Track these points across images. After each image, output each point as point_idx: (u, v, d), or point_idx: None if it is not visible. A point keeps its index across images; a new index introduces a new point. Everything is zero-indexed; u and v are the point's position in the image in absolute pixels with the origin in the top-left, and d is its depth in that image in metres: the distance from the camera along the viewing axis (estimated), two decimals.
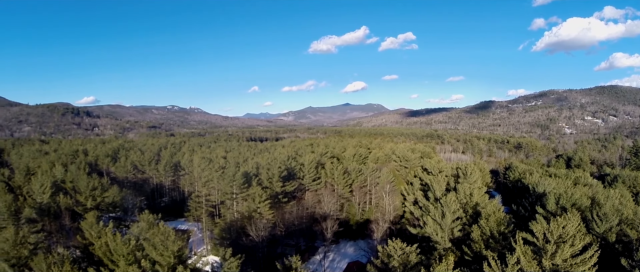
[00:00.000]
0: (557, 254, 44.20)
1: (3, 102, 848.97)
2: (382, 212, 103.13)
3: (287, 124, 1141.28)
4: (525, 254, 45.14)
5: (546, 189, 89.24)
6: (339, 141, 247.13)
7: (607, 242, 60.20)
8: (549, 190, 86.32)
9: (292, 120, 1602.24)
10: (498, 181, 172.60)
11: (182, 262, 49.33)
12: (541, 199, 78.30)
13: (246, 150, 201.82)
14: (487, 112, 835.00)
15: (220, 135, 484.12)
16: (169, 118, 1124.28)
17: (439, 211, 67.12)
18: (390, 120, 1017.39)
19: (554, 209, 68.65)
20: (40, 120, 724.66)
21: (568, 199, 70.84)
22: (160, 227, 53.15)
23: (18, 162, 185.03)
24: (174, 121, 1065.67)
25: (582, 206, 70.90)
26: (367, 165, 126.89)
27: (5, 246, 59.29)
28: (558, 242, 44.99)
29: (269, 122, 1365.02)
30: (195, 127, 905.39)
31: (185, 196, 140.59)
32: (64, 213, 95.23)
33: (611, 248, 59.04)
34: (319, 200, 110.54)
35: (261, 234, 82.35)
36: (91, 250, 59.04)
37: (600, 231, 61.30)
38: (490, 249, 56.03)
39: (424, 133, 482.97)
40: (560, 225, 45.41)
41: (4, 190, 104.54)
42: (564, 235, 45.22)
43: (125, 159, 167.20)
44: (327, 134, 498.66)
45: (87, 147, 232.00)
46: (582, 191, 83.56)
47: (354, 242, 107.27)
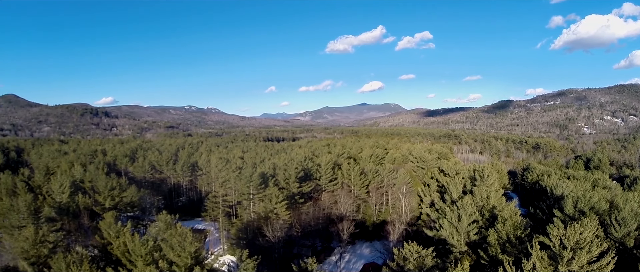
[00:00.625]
0: (573, 261, 43.73)
1: (23, 103, 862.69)
2: (398, 214, 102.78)
3: (304, 124, 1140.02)
4: (541, 260, 44.75)
5: (564, 191, 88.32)
6: (355, 141, 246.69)
7: (625, 247, 59.49)
8: (567, 193, 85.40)
9: (309, 121, 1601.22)
10: (516, 183, 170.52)
11: (199, 263, 49.67)
12: (559, 202, 77.52)
13: (263, 150, 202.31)
14: (505, 111, 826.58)
15: (238, 135, 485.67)
16: (186, 118, 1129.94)
17: (456, 213, 66.70)
18: (407, 120, 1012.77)
19: (572, 212, 67.97)
20: (59, 120, 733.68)
21: (586, 203, 70.02)
22: (178, 228, 53.50)
23: (38, 162, 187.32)
24: (192, 121, 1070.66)
25: (601, 210, 70.07)
26: (384, 166, 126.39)
27: (25, 244, 60.18)
28: (575, 249, 44.47)
29: (286, 122, 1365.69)
30: (212, 127, 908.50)
31: (202, 196, 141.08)
32: (82, 212, 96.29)
33: (629, 253, 58.32)
34: (335, 201, 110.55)
35: (277, 235, 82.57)
36: (109, 249, 59.65)
37: (618, 235, 60.62)
38: (507, 253, 55.57)
39: (441, 133, 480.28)
40: (577, 231, 44.88)
41: (24, 189, 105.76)
42: (581, 241, 44.68)
43: (143, 159, 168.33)
44: (344, 134, 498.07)
45: (106, 147, 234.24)
46: (601, 194, 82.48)
47: (370, 243, 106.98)
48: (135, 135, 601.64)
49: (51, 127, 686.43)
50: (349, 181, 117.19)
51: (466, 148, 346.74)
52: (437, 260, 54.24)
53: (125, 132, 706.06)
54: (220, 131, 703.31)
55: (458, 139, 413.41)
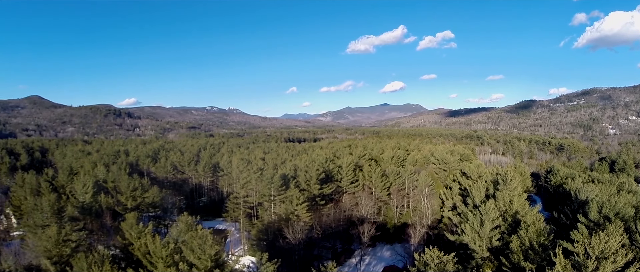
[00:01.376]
0: (598, 271, 42.84)
1: (47, 104, 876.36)
2: (419, 217, 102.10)
3: (325, 125, 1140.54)
4: (564, 269, 43.93)
5: (589, 196, 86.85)
6: (377, 142, 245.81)
7: None
8: (591, 197, 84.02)
9: (330, 121, 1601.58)
10: (539, 185, 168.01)
11: (219, 266, 49.76)
12: (583, 207, 76.06)
13: (284, 151, 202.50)
14: (528, 111, 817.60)
15: (259, 135, 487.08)
16: (208, 119, 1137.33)
17: (478, 218, 65.94)
18: (428, 120, 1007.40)
19: (597, 218, 66.60)
20: (83, 121, 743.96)
21: (611, 208, 68.61)
22: (198, 231, 53.56)
23: (62, 161, 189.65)
24: (213, 122, 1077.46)
25: (626, 216, 68.54)
26: (406, 167, 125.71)
27: (47, 244, 60.97)
28: (599, 258, 43.65)
29: (307, 122, 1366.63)
30: (234, 128, 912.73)
31: (223, 197, 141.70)
32: (105, 212, 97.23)
33: None
34: (356, 203, 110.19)
35: (298, 237, 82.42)
36: (131, 250, 59.95)
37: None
38: (529, 260, 54.71)
39: (463, 134, 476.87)
40: (602, 240, 44.00)
41: (47, 189, 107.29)
42: (606, 251, 43.80)
43: (165, 159, 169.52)
44: (365, 134, 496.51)
45: (129, 148, 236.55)
46: (626, 198, 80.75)
47: (390, 246, 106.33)
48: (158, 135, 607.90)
49: (75, 128, 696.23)
50: (370, 183, 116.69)
51: (488, 149, 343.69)
52: (458, 266, 53.70)
53: (148, 132, 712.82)
54: (241, 132, 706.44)
55: (480, 140, 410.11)
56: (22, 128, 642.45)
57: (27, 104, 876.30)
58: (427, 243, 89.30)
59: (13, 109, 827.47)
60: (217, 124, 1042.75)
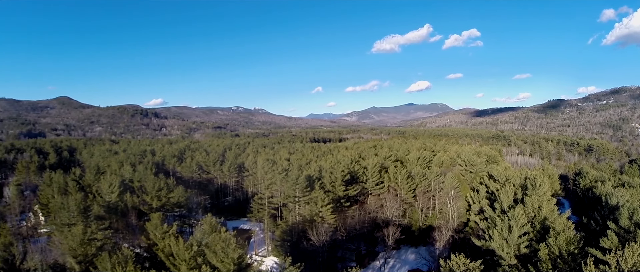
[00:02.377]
0: None
1: (76, 105, 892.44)
2: (445, 219, 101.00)
3: (351, 125, 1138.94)
4: None
5: (619, 201, 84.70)
6: (402, 143, 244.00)
7: None
8: (622, 203, 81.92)
9: (356, 121, 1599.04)
10: (567, 188, 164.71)
11: (241, 270, 49.46)
12: (613, 213, 73.96)
13: (309, 152, 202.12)
14: (556, 111, 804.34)
15: (284, 135, 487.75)
16: (233, 119, 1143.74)
17: (506, 224, 64.41)
18: (454, 120, 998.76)
19: (627, 225, 64.56)
20: (110, 121, 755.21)
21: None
22: (222, 233, 53.43)
23: (89, 161, 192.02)
24: (239, 122, 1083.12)
25: None
26: (432, 169, 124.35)
27: (73, 242, 61.36)
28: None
29: (332, 122, 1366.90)
30: (259, 128, 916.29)
31: (248, 197, 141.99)
32: (130, 212, 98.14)
33: None
34: (381, 204, 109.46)
35: (322, 239, 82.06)
36: (155, 250, 60.19)
37: None
38: (558, 270, 53.27)
39: (490, 134, 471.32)
40: (635, 252, 42.69)
41: (74, 188, 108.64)
42: (638, 264, 42.34)
43: (191, 159, 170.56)
44: (391, 135, 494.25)
45: (155, 148, 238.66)
46: None
47: (415, 249, 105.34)
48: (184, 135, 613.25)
49: (103, 128, 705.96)
50: (396, 185, 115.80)
51: (515, 150, 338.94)
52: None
53: (174, 132, 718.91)
54: (267, 132, 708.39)
55: (507, 140, 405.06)
56: (51, 128, 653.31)
57: (56, 104, 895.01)
58: (453, 247, 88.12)
59: (43, 110, 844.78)
60: (242, 124, 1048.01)
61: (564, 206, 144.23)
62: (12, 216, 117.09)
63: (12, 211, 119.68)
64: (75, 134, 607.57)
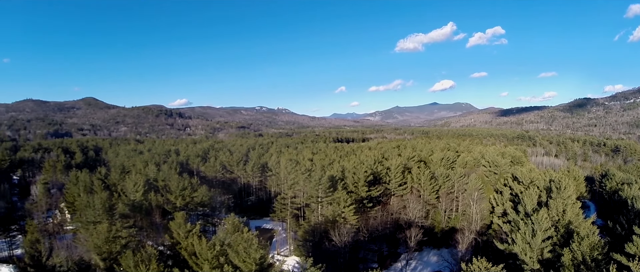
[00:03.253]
0: None
1: (101, 105, 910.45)
2: (468, 221, 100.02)
3: (374, 125, 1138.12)
4: None
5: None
6: (426, 143, 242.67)
7: None
8: None
9: (379, 121, 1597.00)
10: (593, 190, 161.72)
11: (263, 270, 49.75)
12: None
13: (332, 152, 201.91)
14: (582, 110, 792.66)
15: (307, 135, 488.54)
16: (257, 119, 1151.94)
17: (529, 228, 63.66)
18: (479, 120, 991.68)
19: None
20: (135, 121, 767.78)
21: None
22: (244, 233, 53.84)
23: (114, 160, 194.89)
24: (262, 121, 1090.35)
25: None
26: (455, 170, 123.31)
27: (98, 240, 62.48)
28: None
29: (355, 122, 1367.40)
30: (282, 128, 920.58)
31: (271, 196, 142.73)
32: (154, 210, 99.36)
33: None
34: (404, 206, 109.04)
35: (344, 239, 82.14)
36: (178, 249, 60.88)
37: None
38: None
39: (515, 134, 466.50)
40: None
41: (100, 187, 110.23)
42: None
43: (214, 159, 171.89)
44: (414, 134, 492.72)
45: (179, 147, 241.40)
46: None
47: (437, 251, 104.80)
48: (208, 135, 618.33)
49: (128, 127, 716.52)
50: (419, 186, 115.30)
51: (541, 151, 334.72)
52: None
53: (198, 132, 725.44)
54: (290, 131, 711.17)
55: (532, 140, 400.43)
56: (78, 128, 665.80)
57: (82, 105, 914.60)
58: (475, 250, 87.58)
59: (69, 110, 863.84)
60: (266, 123, 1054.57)
61: (589, 208, 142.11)
62: (38, 213, 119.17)
63: (39, 209, 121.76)
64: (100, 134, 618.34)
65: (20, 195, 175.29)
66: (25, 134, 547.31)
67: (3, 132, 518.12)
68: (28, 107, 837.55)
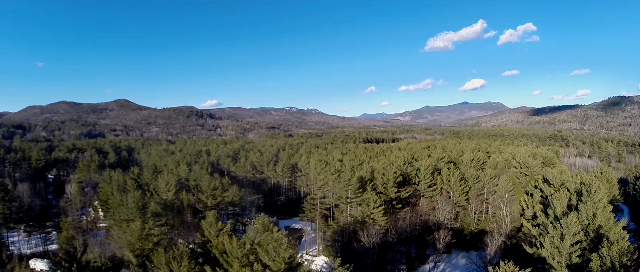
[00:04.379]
0: None
1: (133, 107, 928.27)
2: (498, 224, 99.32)
3: (404, 124, 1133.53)
4: None
5: None
6: (456, 144, 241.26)
7: None
8: None
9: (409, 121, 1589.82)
10: (627, 193, 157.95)
11: (292, 269, 50.49)
12: None
13: (362, 152, 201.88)
14: (617, 109, 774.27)
15: (337, 136, 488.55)
16: (287, 119, 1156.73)
17: (558, 231, 63.02)
18: (510, 119, 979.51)
19: None
20: (167, 122, 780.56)
21: None
22: (274, 233, 54.61)
23: (147, 160, 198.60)
24: (292, 122, 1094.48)
25: None
26: (485, 171, 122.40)
27: (131, 237, 64.37)
28: None
29: (385, 122, 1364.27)
30: (312, 128, 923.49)
31: (300, 197, 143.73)
32: (186, 209, 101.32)
33: None
34: (433, 207, 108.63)
35: (372, 240, 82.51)
36: (209, 247, 62.00)
37: None
38: None
39: (547, 134, 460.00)
40: None
41: (133, 186, 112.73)
42: None
43: (245, 159, 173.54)
44: (445, 135, 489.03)
45: (210, 148, 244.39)
46: None
47: (466, 253, 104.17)
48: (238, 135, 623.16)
49: (159, 128, 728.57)
50: (449, 187, 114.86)
51: (573, 151, 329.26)
52: None
53: (229, 132, 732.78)
54: (320, 132, 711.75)
55: (565, 141, 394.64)
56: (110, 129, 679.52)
57: (115, 106, 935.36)
58: (505, 253, 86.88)
59: (102, 112, 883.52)
60: (296, 124, 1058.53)
61: (622, 212, 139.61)
62: (73, 210, 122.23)
63: (74, 206, 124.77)
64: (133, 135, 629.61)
65: (55, 193, 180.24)
66: (59, 134, 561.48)
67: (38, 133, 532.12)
68: (62, 109, 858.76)
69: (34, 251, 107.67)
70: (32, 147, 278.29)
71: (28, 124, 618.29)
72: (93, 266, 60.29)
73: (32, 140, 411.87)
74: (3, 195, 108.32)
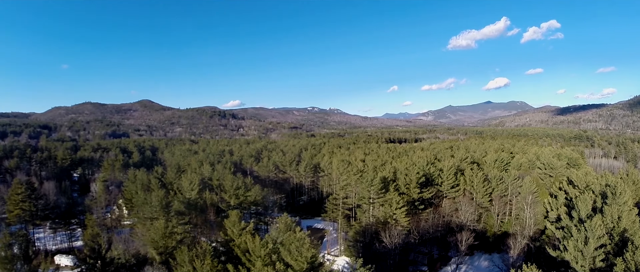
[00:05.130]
0: None
1: (157, 107, 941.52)
2: (521, 226, 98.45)
3: (427, 124, 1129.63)
4: None
5: None
6: (479, 144, 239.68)
7: None
8: None
9: (432, 120, 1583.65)
10: None
11: (314, 269, 50.80)
12: None
13: (385, 152, 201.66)
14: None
15: (360, 136, 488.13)
16: (309, 119, 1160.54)
17: (582, 235, 62.32)
18: (534, 119, 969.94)
19: None
20: (190, 122, 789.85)
21: None
22: (297, 233, 55.05)
23: (170, 159, 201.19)
24: (314, 122, 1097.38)
25: None
26: (509, 172, 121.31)
27: (155, 235, 65.54)
28: None
29: (408, 122, 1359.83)
30: (334, 128, 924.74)
31: (323, 196, 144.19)
32: (209, 208, 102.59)
33: None
34: (456, 208, 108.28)
35: (394, 241, 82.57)
36: (231, 245, 62.75)
37: None
38: None
39: (572, 134, 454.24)
40: None
41: (157, 185, 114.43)
42: None
43: (267, 159, 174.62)
44: (468, 135, 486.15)
45: (233, 148, 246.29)
46: None
47: (489, 255, 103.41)
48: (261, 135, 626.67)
49: (183, 128, 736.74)
50: (472, 188, 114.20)
51: (599, 152, 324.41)
52: None
53: (251, 132, 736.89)
54: (342, 132, 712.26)
55: (590, 141, 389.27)
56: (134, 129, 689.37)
57: (139, 107, 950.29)
58: (527, 256, 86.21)
59: (126, 112, 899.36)
60: (318, 124, 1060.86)
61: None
62: (98, 208, 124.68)
63: (99, 204, 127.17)
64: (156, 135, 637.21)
65: (80, 192, 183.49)
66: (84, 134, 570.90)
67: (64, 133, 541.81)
68: (87, 110, 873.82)
69: (59, 247, 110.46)
70: (58, 147, 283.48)
71: (54, 125, 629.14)
72: (117, 263, 61.54)
73: (57, 140, 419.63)
74: (30, 193, 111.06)
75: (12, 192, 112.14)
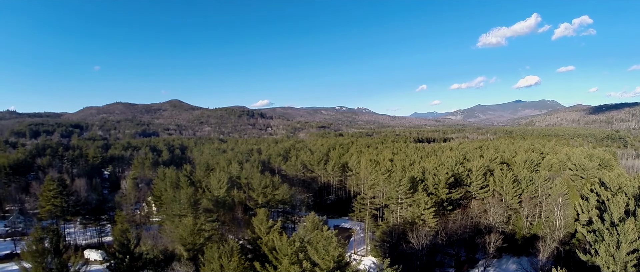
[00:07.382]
0: None
1: (186, 107, 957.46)
2: (551, 229, 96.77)
3: (455, 124, 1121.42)
4: None
5: None
6: (509, 144, 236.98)
7: None
8: None
9: (461, 120, 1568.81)
10: None
11: (340, 268, 50.86)
12: None
13: (413, 152, 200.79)
14: None
15: (388, 135, 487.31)
16: (337, 118, 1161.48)
17: (614, 239, 61.04)
18: (565, 118, 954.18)
19: None
20: (219, 121, 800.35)
21: None
22: (324, 232, 55.07)
23: (199, 158, 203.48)
24: (342, 121, 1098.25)
25: None
26: (539, 173, 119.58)
27: (183, 232, 66.74)
28: None
29: (436, 121, 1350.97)
30: (363, 127, 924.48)
31: (350, 196, 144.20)
32: (237, 206, 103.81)
33: None
34: (484, 209, 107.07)
35: (422, 242, 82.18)
36: (259, 243, 63.32)
37: None
38: None
39: (604, 134, 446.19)
40: None
41: (186, 183, 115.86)
42: None
43: (295, 158, 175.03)
44: (497, 134, 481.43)
45: (261, 147, 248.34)
46: None
47: (517, 259, 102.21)
48: (289, 135, 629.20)
49: (211, 128, 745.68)
50: (501, 189, 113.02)
51: (632, 153, 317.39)
52: None
53: (279, 132, 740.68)
54: (370, 131, 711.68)
55: (623, 141, 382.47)
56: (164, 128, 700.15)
57: (168, 107, 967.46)
58: (557, 260, 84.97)
59: (156, 112, 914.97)
60: (346, 123, 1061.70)
61: None
62: (127, 205, 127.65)
63: (128, 201, 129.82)
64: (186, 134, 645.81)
65: (110, 188, 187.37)
66: (115, 133, 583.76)
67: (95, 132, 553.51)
68: (117, 110, 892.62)
69: (89, 242, 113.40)
70: (89, 145, 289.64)
71: (85, 124, 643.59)
72: (145, 258, 62.59)
73: (89, 138, 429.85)
74: (61, 189, 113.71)
75: (44, 189, 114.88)
